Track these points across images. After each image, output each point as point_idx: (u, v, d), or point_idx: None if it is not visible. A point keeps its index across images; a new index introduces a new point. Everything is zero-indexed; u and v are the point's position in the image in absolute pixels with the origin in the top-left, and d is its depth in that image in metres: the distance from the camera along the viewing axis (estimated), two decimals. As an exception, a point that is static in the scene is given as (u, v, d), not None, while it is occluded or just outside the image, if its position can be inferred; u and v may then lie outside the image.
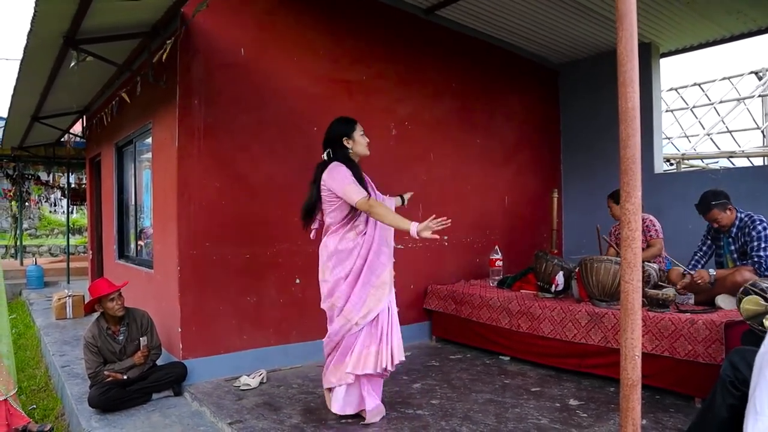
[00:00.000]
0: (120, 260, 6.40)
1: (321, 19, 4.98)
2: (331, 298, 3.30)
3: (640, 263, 1.72)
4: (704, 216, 4.34)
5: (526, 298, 4.80)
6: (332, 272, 3.27)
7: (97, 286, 3.98)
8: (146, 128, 5.11)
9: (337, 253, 3.27)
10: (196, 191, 4.26)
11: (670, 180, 6.63)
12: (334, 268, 3.27)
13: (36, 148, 10.20)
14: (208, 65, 4.30)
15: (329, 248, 3.30)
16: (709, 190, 4.30)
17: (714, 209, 4.21)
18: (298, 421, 3.44)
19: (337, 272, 3.27)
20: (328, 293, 3.31)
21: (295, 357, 4.73)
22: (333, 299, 3.29)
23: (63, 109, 6.93)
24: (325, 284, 3.33)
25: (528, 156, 7.13)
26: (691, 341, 3.59)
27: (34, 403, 4.60)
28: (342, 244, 3.27)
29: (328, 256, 3.29)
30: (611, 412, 3.53)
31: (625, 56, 1.70)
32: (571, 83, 7.52)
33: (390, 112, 5.51)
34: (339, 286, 3.26)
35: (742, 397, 2.47)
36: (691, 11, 5.87)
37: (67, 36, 3.87)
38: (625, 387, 1.72)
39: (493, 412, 3.56)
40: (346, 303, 3.25)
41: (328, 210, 3.31)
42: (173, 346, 4.33)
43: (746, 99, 13.49)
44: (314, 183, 3.37)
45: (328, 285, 3.30)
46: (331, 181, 3.22)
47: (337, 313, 3.28)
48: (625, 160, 1.71)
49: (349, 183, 3.16)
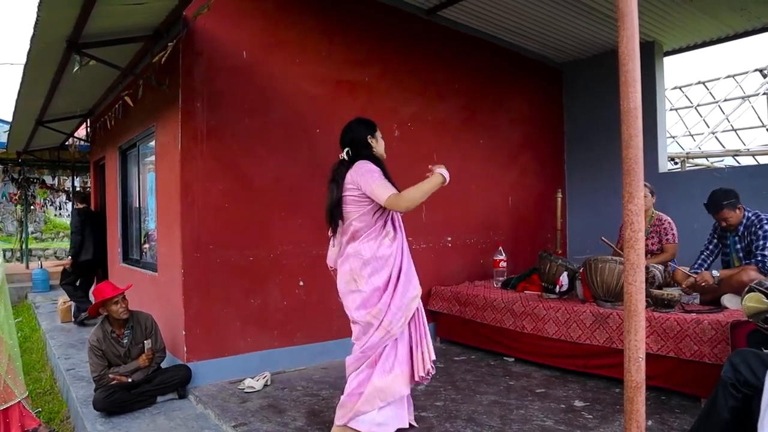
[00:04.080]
0: (124, 263, 6.41)
1: (323, 22, 4.98)
2: (367, 309, 3.01)
3: (643, 264, 1.70)
4: (714, 215, 4.30)
5: (531, 299, 4.79)
6: (368, 281, 3.01)
7: (101, 289, 3.98)
8: (150, 131, 5.12)
9: (375, 260, 3.02)
10: (199, 194, 4.27)
11: (674, 179, 6.60)
12: (371, 276, 3.01)
13: (41, 151, 10.23)
14: (211, 68, 4.31)
15: (364, 255, 3.01)
16: (719, 189, 4.26)
17: (725, 209, 4.18)
18: (302, 424, 3.43)
19: (374, 281, 3.01)
20: (362, 304, 3.02)
21: (299, 359, 4.73)
22: (373, 311, 3.00)
23: (67, 113, 6.95)
24: (358, 294, 3.03)
25: (532, 156, 7.11)
26: (696, 341, 3.57)
27: (39, 406, 4.61)
28: (380, 251, 3.03)
29: (363, 264, 3.02)
30: (617, 413, 3.51)
31: (627, 56, 1.70)
32: (574, 82, 7.50)
33: (393, 113, 5.51)
34: (375, 296, 3.01)
35: (743, 399, 2.46)
36: (694, 9, 5.84)
37: (70, 40, 3.89)
38: (630, 389, 1.71)
39: (497, 414, 3.54)
40: (386, 314, 2.99)
41: (358, 212, 3.04)
42: (178, 348, 4.33)
43: (751, 97, 13.43)
44: (333, 182, 3.14)
45: (363, 295, 3.01)
46: (359, 178, 2.99)
47: (377, 326, 3.00)
48: (628, 160, 1.70)
49: (377, 181, 2.94)
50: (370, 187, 2.94)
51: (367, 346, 3.02)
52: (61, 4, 3.27)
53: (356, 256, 3.04)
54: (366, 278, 3.01)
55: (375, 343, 3.00)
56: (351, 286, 3.07)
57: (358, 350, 3.07)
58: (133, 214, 6.30)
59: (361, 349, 3.04)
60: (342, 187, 3.07)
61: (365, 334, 3.04)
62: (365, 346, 3.02)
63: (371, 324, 3.02)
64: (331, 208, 3.12)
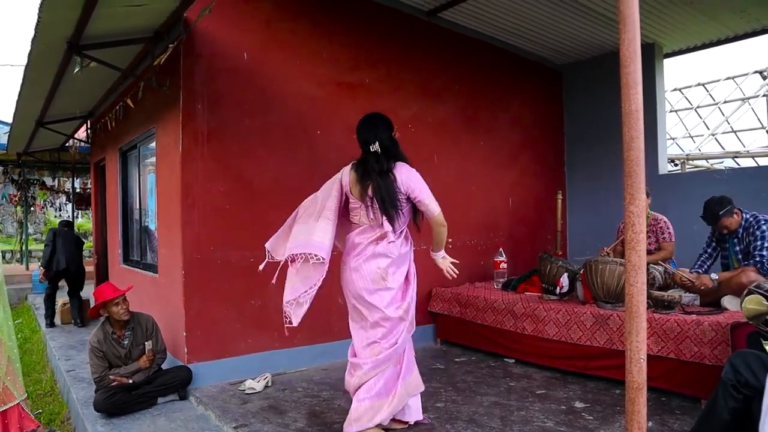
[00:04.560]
0: (125, 264, 6.41)
1: (323, 23, 4.99)
2: (397, 305, 3.09)
3: (644, 266, 1.71)
4: (713, 226, 4.32)
5: (531, 300, 4.79)
6: (394, 278, 3.09)
7: (101, 291, 3.98)
8: (150, 133, 5.12)
9: (400, 257, 3.13)
10: (200, 195, 4.27)
11: (674, 181, 6.61)
12: (395, 273, 3.10)
13: (41, 153, 10.25)
14: (211, 70, 4.31)
15: (393, 254, 3.08)
16: (712, 199, 4.24)
17: (722, 218, 4.17)
18: (303, 425, 3.43)
19: (398, 278, 3.11)
20: (392, 300, 3.08)
21: (300, 360, 4.73)
22: (403, 305, 3.11)
23: (67, 115, 6.96)
24: (387, 292, 3.07)
25: (532, 157, 7.12)
26: (697, 343, 3.57)
27: (40, 407, 4.61)
28: (403, 249, 3.14)
29: (391, 263, 3.09)
30: (617, 414, 3.51)
31: (628, 58, 1.70)
32: (574, 84, 7.51)
33: (393, 114, 5.40)
34: (401, 292, 3.13)
35: (744, 400, 2.46)
36: (694, 11, 5.85)
37: (71, 42, 3.89)
38: (631, 390, 1.71)
39: (498, 415, 3.54)
40: (411, 309, 3.16)
41: (401, 219, 3.12)
42: (178, 350, 4.33)
43: (751, 99, 13.44)
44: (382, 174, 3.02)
45: (392, 292, 3.08)
46: (413, 184, 3.05)
47: (407, 320, 3.13)
48: (629, 162, 1.71)
49: (428, 190, 3.07)
50: (425, 195, 3.06)
51: (399, 343, 3.08)
52: (62, 6, 3.28)
53: (384, 255, 3.08)
54: (392, 275, 3.08)
55: (405, 337, 3.12)
56: (379, 284, 3.07)
57: (387, 348, 3.04)
58: (134, 216, 6.30)
59: (393, 346, 3.05)
60: (396, 187, 3.03)
61: (394, 329, 3.08)
62: (398, 342, 3.07)
63: (403, 319, 3.10)
64: (391, 204, 3.00)
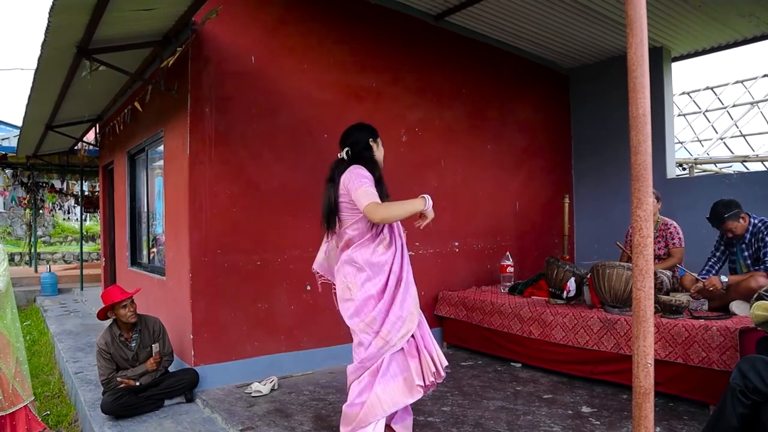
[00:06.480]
0: (132, 267, 6.45)
1: (331, 27, 5.01)
2: (360, 318, 2.88)
3: (652, 270, 1.70)
4: (718, 228, 4.30)
5: (538, 305, 4.78)
6: (361, 288, 2.87)
7: (109, 293, 4.00)
8: (158, 136, 5.15)
9: (370, 266, 2.88)
10: (207, 198, 4.29)
11: (683, 185, 6.57)
12: (364, 284, 2.87)
13: (50, 156, 10.31)
14: (219, 73, 4.34)
15: (357, 262, 2.89)
16: (719, 202, 4.24)
17: (728, 221, 4.16)
18: (309, 428, 3.43)
19: (367, 288, 2.87)
20: (355, 312, 2.89)
21: (306, 363, 4.73)
22: (366, 319, 2.86)
23: (76, 118, 7.00)
24: (351, 303, 2.90)
25: (539, 161, 7.11)
26: (705, 348, 3.55)
27: (48, 409, 4.63)
28: (374, 257, 2.89)
29: (357, 271, 2.89)
30: (624, 419, 3.50)
31: (636, 62, 1.70)
32: (581, 88, 7.49)
33: (401, 118, 5.52)
34: (369, 305, 2.87)
35: (752, 406, 2.44)
36: (702, 15, 5.83)
37: (80, 46, 3.92)
38: (638, 395, 1.70)
39: (504, 420, 3.53)
40: (383, 324, 2.84)
41: (351, 220, 2.93)
42: (185, 352, 4.35)
43: (760, 102, 13.34)
44: (330, 182, 3.02)
45: (356, 303, 2.87)
46: (349, 183, 2.87)
47: (373, 336, 2.85)
48: (636, 166, 1.70)
49: (362, 186, 2.80)
50: (354, 192, 2.81)
51: (365, 357, 2.86)
52: (72, 10, 3.30)
53: (350, 263, 2.93)
54: (359, 285, 2.88)
55: (373, 353, 2.84)
56: (345, 294, 2.94)
57: (356, 360, 2.94)
58: (142, 219, 6.33)
59: (359, 359, 2.89)
60: (338, 190, 2.96)
61: (362, 344, 2.90)
62: (363, 356, 2.87)
63: (366, 333, 2.88)
64: (328, 212, 3.00)
